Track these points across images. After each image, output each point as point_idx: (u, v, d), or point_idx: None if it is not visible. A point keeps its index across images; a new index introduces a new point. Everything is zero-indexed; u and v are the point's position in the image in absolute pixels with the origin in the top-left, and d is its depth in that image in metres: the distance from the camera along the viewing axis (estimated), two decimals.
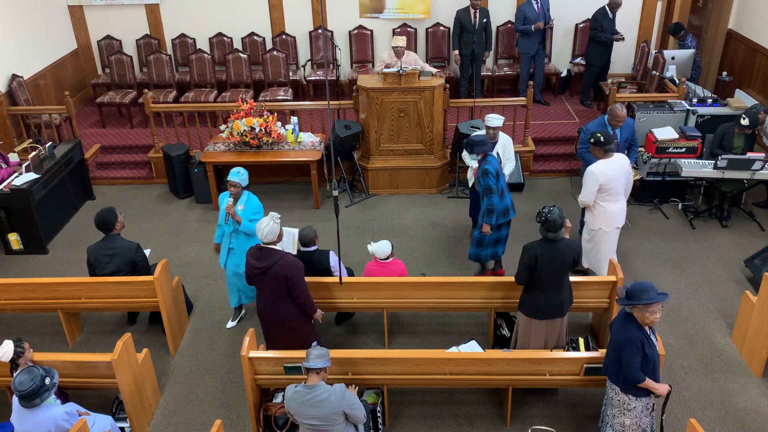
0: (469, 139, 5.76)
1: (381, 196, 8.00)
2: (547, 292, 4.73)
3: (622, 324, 4.07)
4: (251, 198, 5.59)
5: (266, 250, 4.68)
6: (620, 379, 4.14)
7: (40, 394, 4.01)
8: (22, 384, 3.95)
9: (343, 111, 8.45)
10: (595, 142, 5.62)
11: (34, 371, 4.03)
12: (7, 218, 6.99)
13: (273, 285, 4.68)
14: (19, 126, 8.35)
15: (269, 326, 4.89)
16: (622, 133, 6.35)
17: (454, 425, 4.90)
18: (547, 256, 4.62)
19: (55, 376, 4.15)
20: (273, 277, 4.65)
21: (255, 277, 4.73)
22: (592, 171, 5.61)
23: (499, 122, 6.21)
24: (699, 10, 10.22)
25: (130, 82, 9.33)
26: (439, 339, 5.73)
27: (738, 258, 6.63)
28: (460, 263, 6.69)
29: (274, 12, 9.62)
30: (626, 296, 3.95)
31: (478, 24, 8.65)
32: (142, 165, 8.63)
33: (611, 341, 4.18)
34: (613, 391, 4.23)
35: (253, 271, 4.71)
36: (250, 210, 5.53)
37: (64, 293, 5.54)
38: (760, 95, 8.71)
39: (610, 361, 4.20)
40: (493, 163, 5.76)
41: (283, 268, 4.61)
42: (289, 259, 4.67)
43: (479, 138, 5.74)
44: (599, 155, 5.65)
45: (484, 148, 5.70)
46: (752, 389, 5.13)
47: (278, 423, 4.67)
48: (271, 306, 4.77)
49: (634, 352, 3.97)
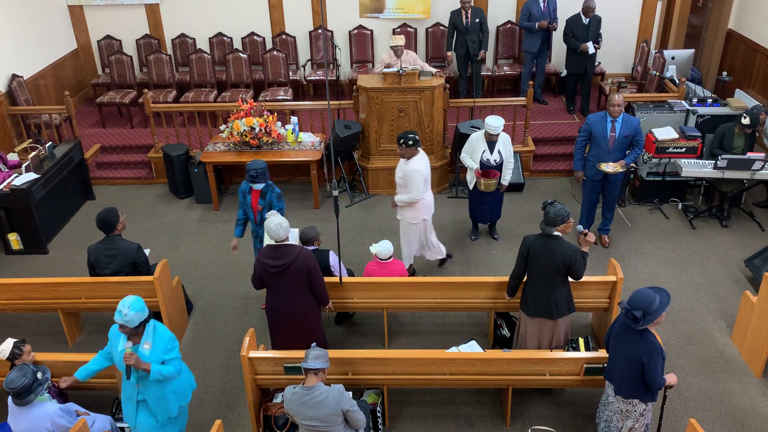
0: (250, 169, 5.56)
1: (381, 196, 8.00)
2: (536, 287, 4.76)
3: (634, 339, 3.93)
4: (159, 330, 4.13)
5: (282, 248, 4.67)
6: (641, 392, 4.04)
7: (33, 389, 4.00)
8: (14, 381, 3.95)
9: (343, 111, 8.45)
10: (413, 143, 5.72)
11: (25, 367, 4.03)
12: (7, 218, 6.99)
13: (294, 281, 4.67)
14: (19, 126, 8.35)
15: (283, 324, 4.85)
16: (622, 128, 6.31)
17: (454, 425, 4.90)
18: (538, 249, 4.67)
19: (47, 372, 4.15)
20: (294, 273, 4.65)
21: (272, 276, 4.69)
22: (418, 169, 5.72)
23: (500, 124, 6.24)
24: (699, 10, 10.21)
25: (130, 82, 9.33)
26: (439, 339, 5.73)
27: (738, 258, 6.63)
28: (460, 263, 6.69)
29: (274, 12, 9.62)
30: (642, 318, 3.79)
31: (470, 24, 8.64)
32: (142, 165, 8.63)
33: (628, 360, 3.98)
34: (630, 405, 4.13)
35: (270, 271, 4.66)
36: (160, 347, 4.06)
37: (64, 293, 5.54)
38: (760, 95, 8.71)
39: (628, 381, 4.03)
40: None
41: (306, 261, 4.65)
42: (306, 251, 4.70)
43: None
44: (414, 153, 5.77)
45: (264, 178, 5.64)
46: (752, 389, 5.13)
47: (278, 423, 4.67)
48: (287, 303, 4.75)
49: (658, 360, 3.90)
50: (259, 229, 5.81)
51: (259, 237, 5.82)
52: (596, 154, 6.45)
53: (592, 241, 4.78)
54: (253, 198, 5.70)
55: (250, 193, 5.72)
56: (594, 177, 6.55)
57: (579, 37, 8.48)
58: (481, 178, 6.38)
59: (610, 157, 6.39)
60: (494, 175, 6.41)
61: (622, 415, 4.19)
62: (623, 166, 6.38)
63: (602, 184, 6.59)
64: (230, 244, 6.04)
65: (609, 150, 6.37)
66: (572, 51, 8.65)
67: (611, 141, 6.34)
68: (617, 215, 7.40)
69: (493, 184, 6.38)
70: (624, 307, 3.90)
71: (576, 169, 6.67)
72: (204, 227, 7.50)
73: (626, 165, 6.40)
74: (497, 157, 6.41)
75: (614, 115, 6.26)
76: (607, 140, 6.35)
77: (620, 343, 4.08)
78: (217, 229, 7.43)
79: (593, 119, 6.43)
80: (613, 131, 6.33)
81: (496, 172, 6.42)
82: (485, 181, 6.36)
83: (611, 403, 4.25)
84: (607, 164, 6.38)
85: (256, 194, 5.69)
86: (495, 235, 7.07)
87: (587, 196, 6.75)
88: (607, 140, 6.35)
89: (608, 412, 4.31)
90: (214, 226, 7.50)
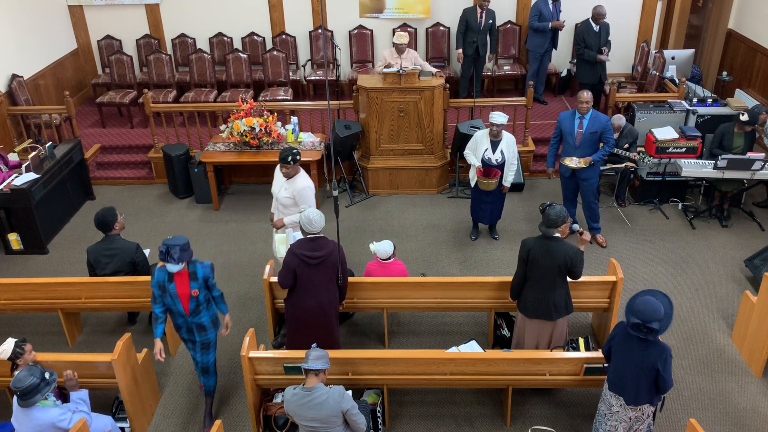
0: (170, 247, 4.41)
1: (381, 196, 8.00)
2: (536, 289, 4.75)
3: (645, 348, 3.87)
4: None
5: (319, 240, 4.71)
6: (651, 396, 4.00)
7: (40, 389, 4.02)
8: (21, 381, 3.96)
9: (343, 111, 8.45)
10: (299, 158, 5.47)
11: (34, 368, 4.05)
12: (7, 218, 6.99)
13: (327, 273, 4.72)
14: (19, 126, 8.35)
15: (308, 321, 4.82)
16: (589, 124, 6.35)
17: (454, 425, 4.90)
18: (539, 252, 4.64)
19: (55, 374, 4.17)
20: (330, 264, 4.70)
21: (308, 268, 4.67)
22: (310, 186, 5.53)
23: (504, 119, 6.25)
24: (699, 10, 10.22)
25: (130, 82, 9.33)
26: (439, 339, 5.73)
27: (738, 258, 6.63)
28: (461, 263, 6.69)
29: (274, 12, 9.62)
30: (655, 329, 3.75)
31: (483, 24, 8.63)
32: (142, 165, 8.63)
33: (641, 369, 3.91)
34: (639, 411, 4.10)
35: (309, 263, 4.65)
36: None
37: (64, 293, 5.54)
38: (760, 95, 8.71)
39: (643, 390, 3.97)
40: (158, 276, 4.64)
41: (340, 251, 4.72)
42: (337, 244, 4.73)
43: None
44: (298, 170, 5.54)
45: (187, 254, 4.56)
46: (752, 389, 5.13)
47: (278, 423, 4.67)
48: (315, 298, 4.74)
49: (671, 363, 3.89)
50: (193, 322, 4.67)
51: (193, 336, 4.74)
52: (565, 150, 6.59)
53: (588, 239, 4.88)
54: (179, 284, 4.54)
55: (172, 280, 4.54)
56: (564, 173, 6.69)
57: (592, 45, 8.35)
58: (482, 178, 6.39)
59: (577, 152, 6.47)
60: (495, 174, 6.41)
61: (630, 422, 4.17)
62: (587, 162, 6.42)
63: (575, 181, 6.65)
64: (154, 350, 4.73)
65: (576, 146, 6.46)
66: (586, 62, 8.45)
67: (578, 137, 6.42)
68: (617, 215, 7.40)
69: (494, 183, 6.38)
70: (635, 323, 3.79)
71: (547, 165, 6.90)
72: (204, 227, 7.50)
73: (592, 161, 6.44)
74: (499, 156, 6.41)
75: (582, 111, 6.33)
76: (574, 136, 6.44)
77: (629, 354, 3.98)
78: (217, 229, 7.43)
79: (563, 116, 6.55)
80: (580, 127, 6.40)
81: (497, 171, 6.42)
82: (485, 180, 6.36)
83: (616, 413, 4.18)
84: (572, 159, 6.47)
85: (182, 278, 4.55)
86: (495, 235, 7.07)
87: (563, 192, 6.89)
88: (573, 136, 6.44)
89: (612, 422, 4.23)
90: (214, 226, 7.50)
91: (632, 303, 3.89)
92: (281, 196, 5.62)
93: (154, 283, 4.58)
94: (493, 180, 6.36)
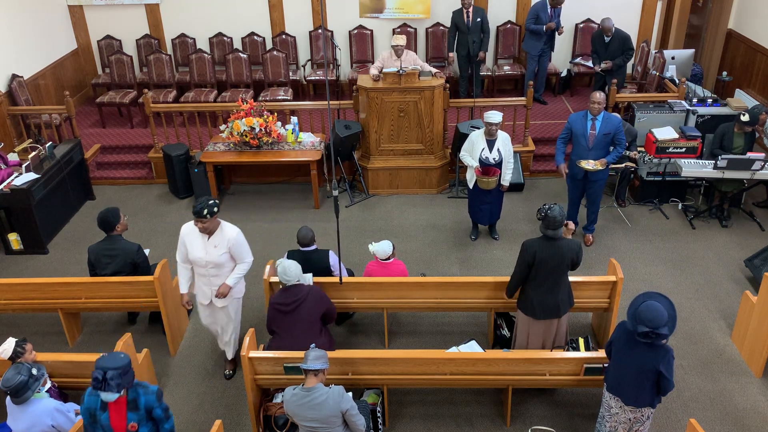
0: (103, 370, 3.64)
1: (381, 196, 8.00)
2: (543, 290, 4.73)
3: (647, 350, 3.85)
4: None
5: (293, 288, 4.77)
6: (653, 398, 3.99)
7: (29, 385, 4.02)
8: (10, 380, 3.97)
9: (343, 111, 8.45)
10: (217, 210, 4.78)
11: (20, 366, 4.05)
12: (7, 218, 6.99)
13: (304, 314, 4.74)
14: (19, 126, 8.35)
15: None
16: (602, 126, 6.28)
17: (454, 425, 4.90)
18: (545, 254, 4.60)
19: (42, 368, 4.17)
20: (308, 305, 4.75)
21: (285, 316, 4.74)
22: (240, 232, 4.91)
23: (499, 118, 6.24)
24: (699, 10, 10.22)
25: (130, 82, 9.33)
26: (439, 339, 5.73)
27: (738, 258, 6.63)
28: (460, 263, 6.69)
29: (274, 12, 9.62)
30: (665, 334, 3.72)
31: (472, 23, 8.64)
32: (142, 165, 8.63)
33: (642, 372, 3.90)
34: (639, 413, 4.10)
35: (284, 309, 4.73)
36: None
37: (64, 293, 5.54)
38: (760, 95, 8.71)
39: (644, 392, 3.96)
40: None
41: (318, 295, 4.81)
42: (315, 289, 4.85)
43: None
44: (218, 222, 4.87)
45: None
46: (752, 389, 5.13)
47: (278, 423, 4.67)
48: (297, 343, 4.70)
49: (673, 364, 3.88)
50: None
51: None
52: (577, 152, 6.46)
53: (573, 229, 4.96)
54: (113, 414, 3.73)
55: (105, 409, 3.74)
56: (576, 175, 6.56)
57: (600, 54, 8.45)
58: (481, 176, 6.39)
59: (590, 155, 6.38)
60: (494, 173, 6.42)
61: (630, 423, 4.17)
62: (603, 164, 6.35)
63: (584, 183, 6.59)
64: None
65: (589, 148, 6.36)
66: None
67: (591, 139, 6.32)
68: (617, 215, 7.40)
69: (493, 181, 6.38)
70: (644, 331, 3.73)
71: (559, 162, 6.59)
72: None
73: (607, 163, 6.38)
74: (496, 155, 6.41)
75: (594, 113, 6.24)
76: (587, 138, 6.34)
77: (630, 356, 3.97)
78: None
79: (574, 117, 6.44)
80: (593, 129, 6.31)
81: (496, 169, 6.43)
82: (485, 179, 6.36)
83: (616, 414, 4.18)
84: (587, 161, 6.37)
85: (118, 408, 3.74)
86: (495, 235, 7.07)
87: (569, 194, 6.80)
88: (586, 138, 6.34)
89: (612, 423, 4.24)
90: None
91: (636, 311, 3.80)
92: (213, 257, 4.82)
93: (83, 409, 3.76)
94: (492, 178, 6.36)
